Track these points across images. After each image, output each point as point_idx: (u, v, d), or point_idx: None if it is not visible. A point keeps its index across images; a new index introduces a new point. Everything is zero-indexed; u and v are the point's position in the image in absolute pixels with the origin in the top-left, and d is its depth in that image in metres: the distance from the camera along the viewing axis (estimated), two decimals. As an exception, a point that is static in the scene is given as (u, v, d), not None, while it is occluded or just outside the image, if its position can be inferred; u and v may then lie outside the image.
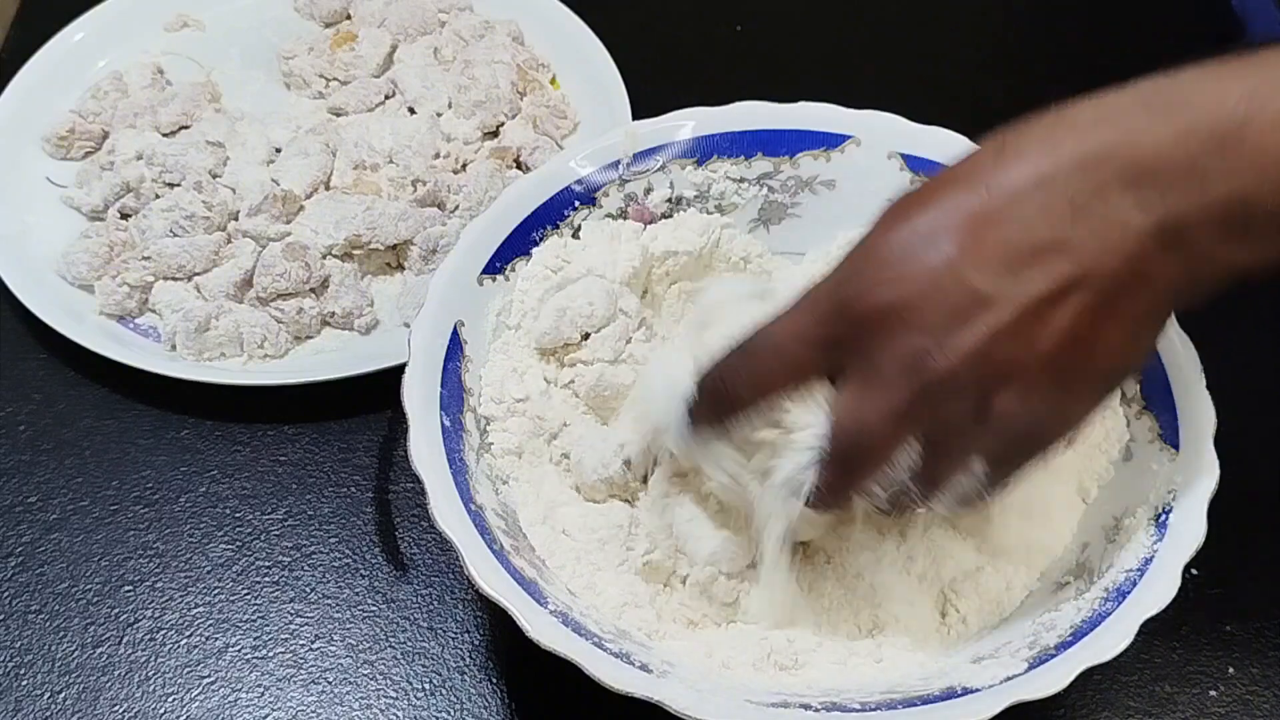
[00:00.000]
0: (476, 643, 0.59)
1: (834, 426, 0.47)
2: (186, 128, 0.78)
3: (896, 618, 0.54)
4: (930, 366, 0.44)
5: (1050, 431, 0.47)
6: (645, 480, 0.57)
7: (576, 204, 0.62)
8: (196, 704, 0.58)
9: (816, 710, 0.47)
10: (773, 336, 0.48)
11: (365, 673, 0.59)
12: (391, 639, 0.60)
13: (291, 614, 0.61)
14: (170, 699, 0.58)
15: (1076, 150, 0.45)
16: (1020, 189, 0.44)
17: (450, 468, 0.52)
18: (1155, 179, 0.44)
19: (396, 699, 0.58)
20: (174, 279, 0.71)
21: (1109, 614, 0.49)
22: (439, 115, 0.79)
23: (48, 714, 0.58)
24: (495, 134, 0.79)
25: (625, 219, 0.62)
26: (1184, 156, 0.44)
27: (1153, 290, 0.45)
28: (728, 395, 0.49)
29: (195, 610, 0.61)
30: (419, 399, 0.53)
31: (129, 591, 0.61)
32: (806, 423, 0.48)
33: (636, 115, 0.75)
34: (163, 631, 0.60)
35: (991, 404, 0.45)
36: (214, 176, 0.74)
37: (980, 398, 0.45)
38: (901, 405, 0.45)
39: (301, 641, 0.60)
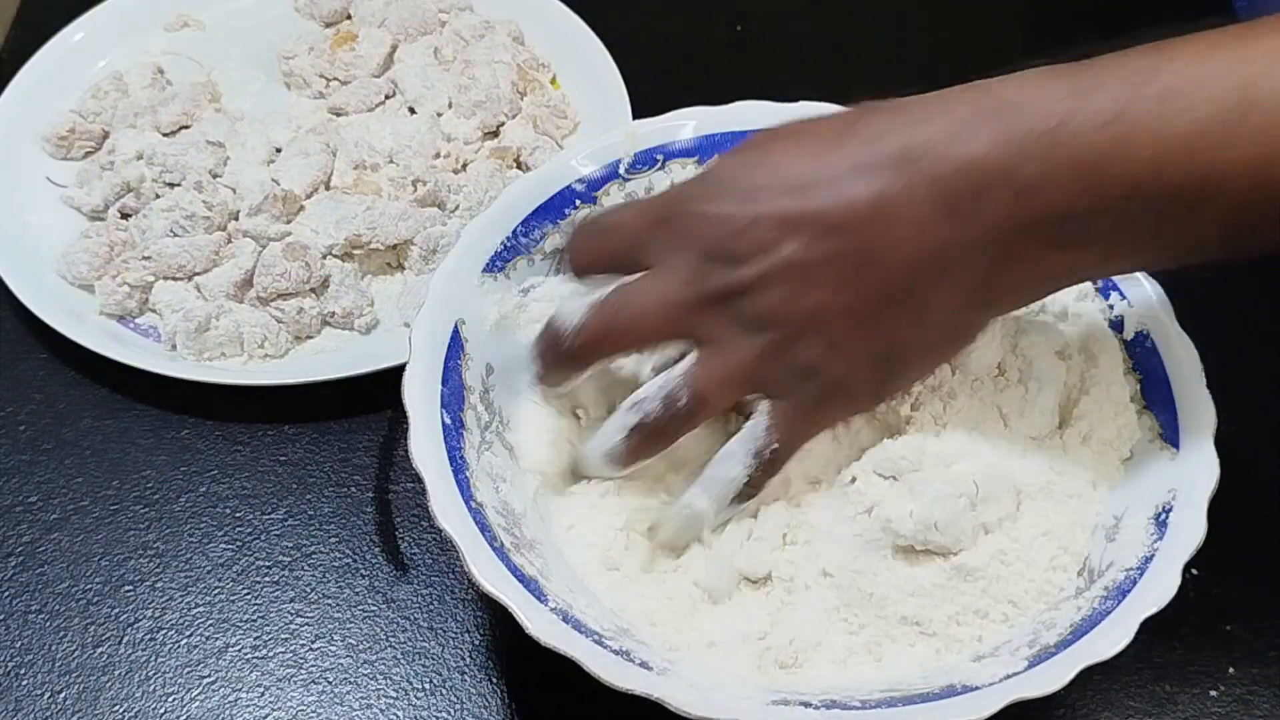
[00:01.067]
0: (476, 643, 0.59)
1: (618, 286, 0.51)
2: (187, 128, 0.78)
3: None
4: (709, 282, 0.49)
5: (824, 388, 0.51)
6: None
7: (577, 203, 0.62)
8: (196, 704, 0.58)
9: (816, 708, 0.47)
10: (604, 220, 0.54)
11: (365, 672, 0.59)
12: (391, 639, 0.60)
13: (291, 614, 0.61)
14: (170, 699, 0.58)
15: (900, 146, 0.48)
16: (842, 169, 0.48)
17: (451, 465, 0.52)
18: (967, 184, 0.46)
19: (396, 699, 0.58)
20: (174, 279, 0.71)
21: (1109, 613, 0.49)
22: (439, 115, 0.79)
23: (48, 714, 0.58)
24: (495, 134, 0.79)
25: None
26: (998, 164, 0.46)
27: (953, 287, 0.48)
28: (573, 257, 0.54)
29: (195, 610, 0.61)
30: (420, 397, 0.53)
31: (129, 591, 0.61)
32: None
33: (636, 115, 0.75)
34: (163, 631, 0.60)
35: (757, 337, 0.49)
36: (214, 176, 0.74)
37: (742, 328, 0.49)
38: (672, 295, 0.50)
39: (301, 641, 0.60)
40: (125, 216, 0.74)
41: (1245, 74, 0.45)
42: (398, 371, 0.55)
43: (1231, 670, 0.59)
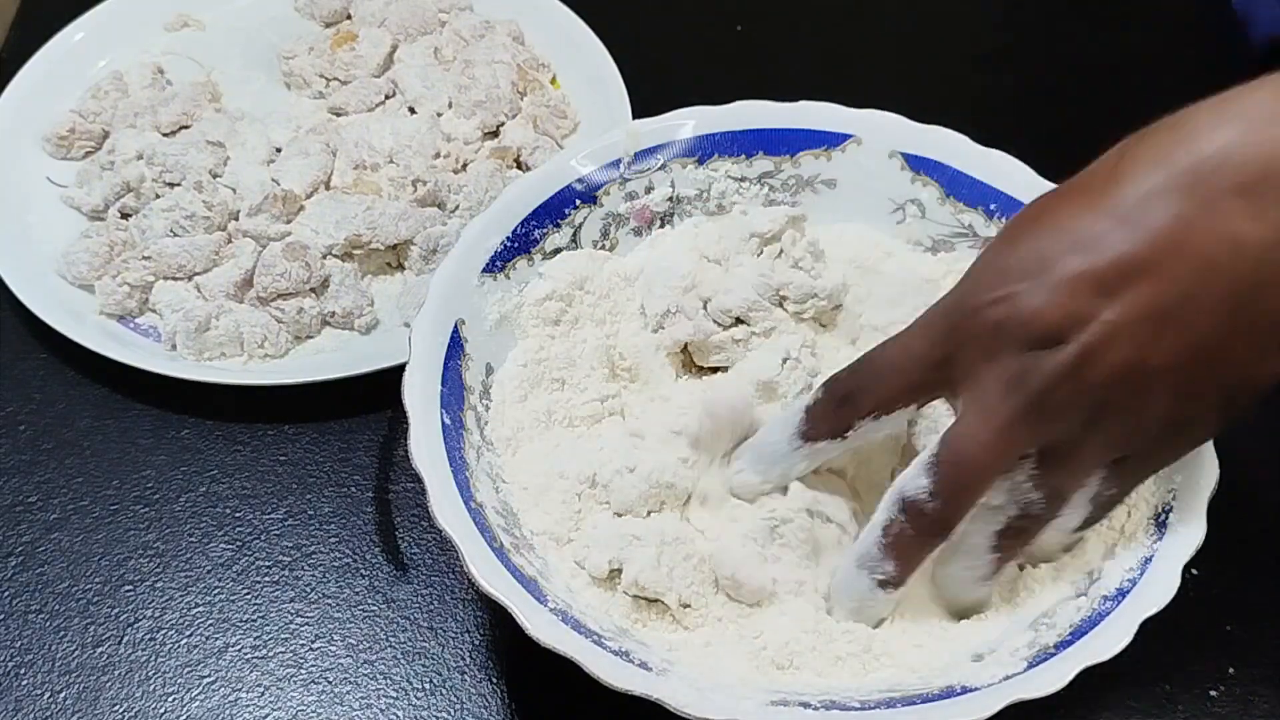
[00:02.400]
0: (476, 643, 0.59)
1: (941, 444, 0.48)
2: (187, 128, 0.78)
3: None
4: (1031, 383, 0.45)
5: (1165, 444, 0.48)
6: None
7: (577, 203, 0.62)
8: (196, 704, 0.58)
9: (815, 709, 0.47)
10: (892, 351, 0.50)
11: (365, 672, 0.59)
12: (391, 639, 0.60)
13: (291, 614, 0.61)
14: (170, 699, 0.58)
15: (1188, 159, 0.44)
16: (1128, 207, 0.44)
17: (450, 466, 0.52)
18: (1272, 185, 0.43)
19: (396, 699, 0.58)
20: (174, 279, 0.71)
21: (1109, 613, 0.49)
22: (439, 115, 0.79)
23: (48, 714, 0.58)
24: (495, 134, 0.79)
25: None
26: None
27: (1273, 299, 0.44)
28: (847, 403, 0.50)
29: (195, 610, 0.61)
30: (419, 397, 0.53)
31: (129, 591, 0.61)
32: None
33: (636, 115, 0.75)
34: (163, 631, 0.60)
35: (1099, 418, 0.46)
36: (214, 176, 0.74)
37: (1088, 412, 0.46)
38: (1005, 420, 0.46)
39: (301, 641, 0.60)
40: (125, 216, 0.74)
41: None
42: (397, 371, 0.55)
43: (1231, 670, 0.59)
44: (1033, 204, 0.48)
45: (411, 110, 0.79)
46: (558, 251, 0.61)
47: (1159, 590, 0.49)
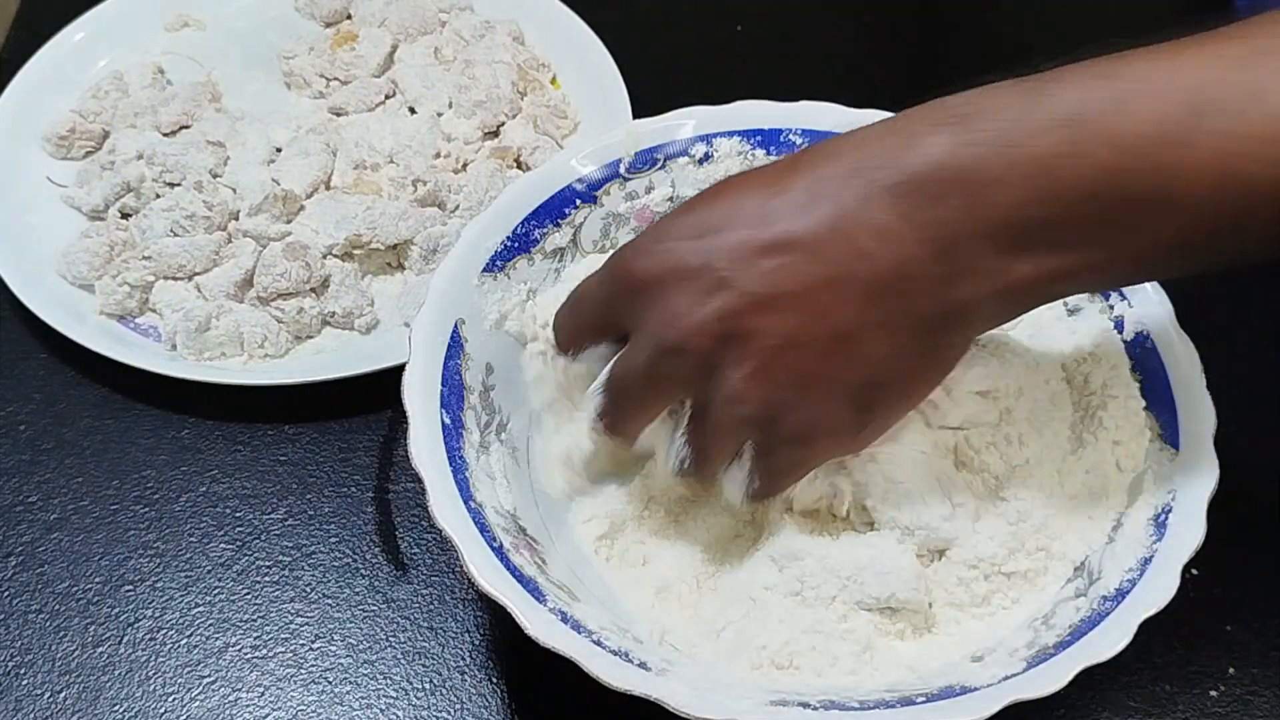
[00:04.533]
0: (476, 643, 0.59)
1: (610, 366, 0.52)
2: (187, 127, 0.78)
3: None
4: (669, 333, 0.48)
5: (796, 430, 0.49)
6: None
7: (577, 202, 0.62)
8: (197, 704, 0.58)
9: (815, 709, 0.47)
10: (576, 293, 0.53)
11: (365, 672, 0.59)
12: (391, 639, 0.60)
13: (291, 614, 0.61)
14: (170, 698, 0.58)
15: (854, 161, 0.47)
16: (794, 194, 0.47)
17: (450, 465, 0.52)
18: (922, 191, 0.45)
19: (396, 699, 0.58)
20: (174, 279, 0.71)
21: (1108, 613, 0.49)
22: (439, 115, 0.79)
23: (48, 714, 0.58)
24: (496, 134, 0.79)
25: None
26: (953, 168, 0.45)
27: (917, 300, 0.46)
28: (557, 337, 0.55)
29: (195, 610, 0.61)
30: (419, 396, 0.54)
31: (129, 591, 0.61)
32: None
33: (636, 115, 0.75)
34: (163, 631, 0.60)
35: (724, 381, 0.48)
36: (214, 176, 0.74)
37: (716, 372, 0.48)
38: (648, 362, 0.49)
39: (301, 641, 0.60)
40: (125, 216, 0.74)
41: (1206, 76, 0.44)
42: (397, 371, 0.55)
43: (1231, 670, 0.59)
44: (717, 183, 0.50)
45: (412, 110, 0.79)
46: (558, 251, 0.61)
47: (1159, 590, 0.49)
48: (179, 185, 0.73)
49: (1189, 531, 0.50)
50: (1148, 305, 0.57)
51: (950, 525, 0.53)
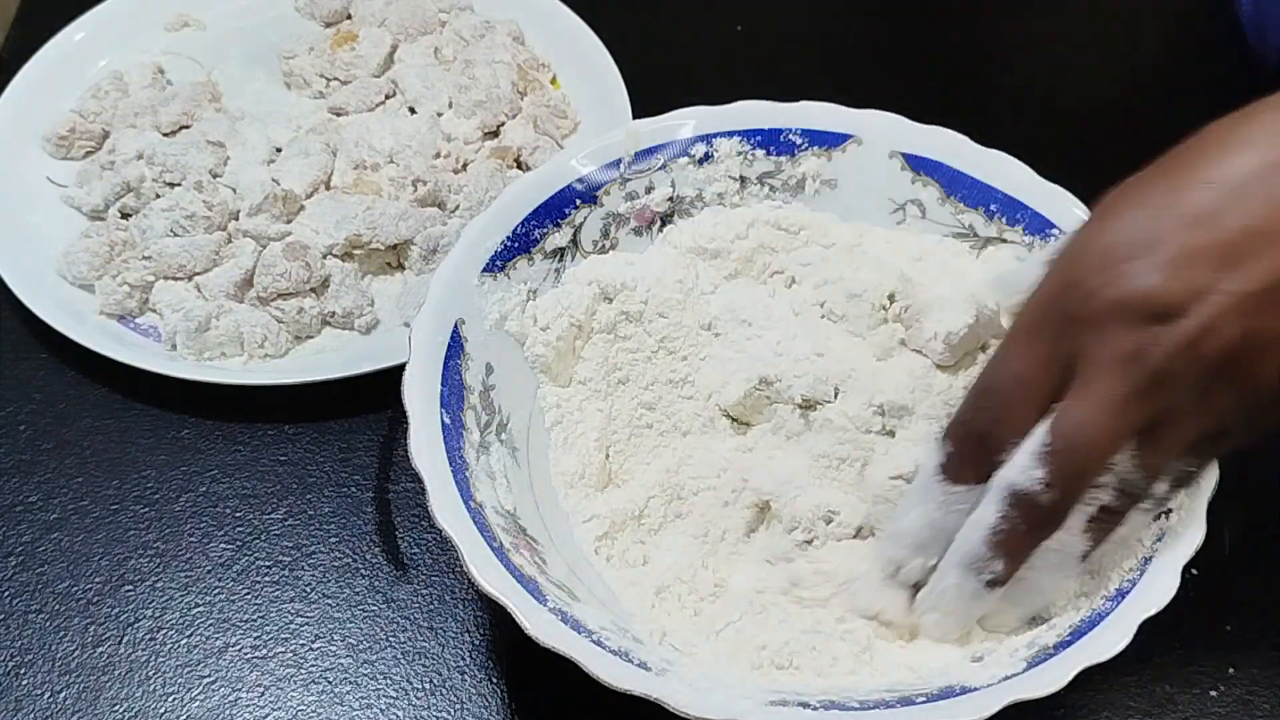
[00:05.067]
0: (476, 643, 0.59)
1: (1053, 432, 0.46)
2: (187, 127, 0.78)
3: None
4: (1150, 359, 0.44)
5: (1259, 419, 0.46)
6: None
7: (577, 202, 0.62)
8: (196, 704, 0.58)
9: (815, 709, 0.47)
10: (1010, 368, 0.48)
11: (365, 672, 0.59)
12: (391, 639, 0.60)
13: (292, 614, 0.61)
14: (170, 698, 0.58)
15: (1269, 145, 0.44)
16: (1243, 180, 0.44)
17: (450, 465, 0.52)
18: None
19: (396, 699, 0.58)
20: (174, 279, 0.71)
21: (1108, 613, 0.49)
22: (439, 115, 0.79)
23: (48, 713, 0.58)
24: (496, 134, 0.79)
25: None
26: None
27: None
28: (984, 445, 0.48)
29: (195, 610, 0.61)
30: (419, 396, 0.54)
31: (129, 591, 0.61)
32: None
33: (636, 115, 0.75)
34: (163, 631, 0.60)
35: (1209, 391, 0.44)
36: (214, 176, 0.74)
37: (1200, 385, 0.44)
38: (1120, 399, 0.45)
39: (302, 641, 0.60)
40: (125, 216, 0.74)
41: None
42: (397, 371, 0.55)
43: (1231, 670, 0.59)
44: (1120, 188, 0.47)
45: (412, 110, 0.79)
46: (558, 251, 0.61)
47: (1158, 590, 0.49)
48: (179, 185, 0.73)
49: (1189, 531, 0.50)
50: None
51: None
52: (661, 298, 0.59)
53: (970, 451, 0.48)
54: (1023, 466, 0.47)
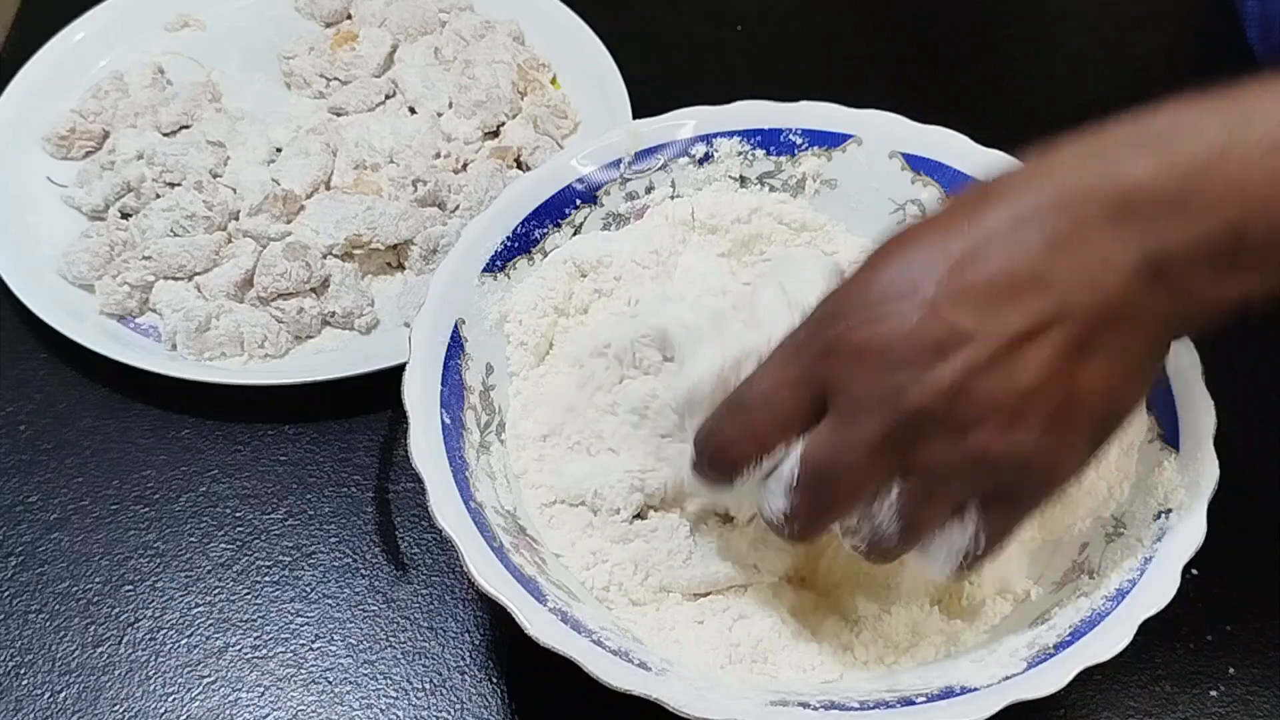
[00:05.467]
0: (476, 643, 0.59)
1: (804, 456, 0.46)
2: (187, 127, 0.78)
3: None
4: (905, 400, 0.44)
5: (1039, 476, 0.46)
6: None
7: (577, 202, 0.62)
8: (197, 704, 0.58)
9: (815, 709, 0.47)
10: (760, 386, 0.47)
11: (365, 672, 0.59)
12: (391, 639, 0.60)
13: (292, 614, 0.61)
14: (170, 698, 0.58)
15: (1057, 188, 0.44)
16: (1000, 229, 0.44)
17: (450, 465, 0.52)
18: (1137, 213, 0.43)
19: (396, 699, 0.58)
20: (174, 279, 0.71)
21: (1108, 613, 0.49)
22: (439, 115, 0.79)
23: (48, 713, 0.58)
24: (496, 134, 0.79)
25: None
26: (1165, 189, 0.43)
27: (1140, 327, 0.44)
28: (726, 454, 0.48)
29: (195, 610, 0.61)
30: (419, 396, 0.54)
31: (129, 591, 0.61)
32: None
33: (636, 115, 0.75)
34: (163, 631, 0.60)
35: (969, 442, 0.44)
36: (214, 176, 0.74)
37: (957, 434, 0.44)
38: (874, 438, 0.44)
39: (302, 641, 0.60)
40: (125, 216, 0.74)
41: None
42: (397, 371, 0.55)
43: (1231, 670, 0.59)
44: (896, 234, 0.47)
45: (412, 110, 0.79)
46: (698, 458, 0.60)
47: (1159, 590, 0.49)
48: (179, 185, 0.73)
49: (1189, 532, 0.50)
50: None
51: None
52: (633, 270, 0.60)
53: (715, 458, 0.48)
54: (771, 497, 0.47)
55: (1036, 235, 0.44)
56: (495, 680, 0.58)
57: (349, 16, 0.85)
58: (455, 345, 0.56)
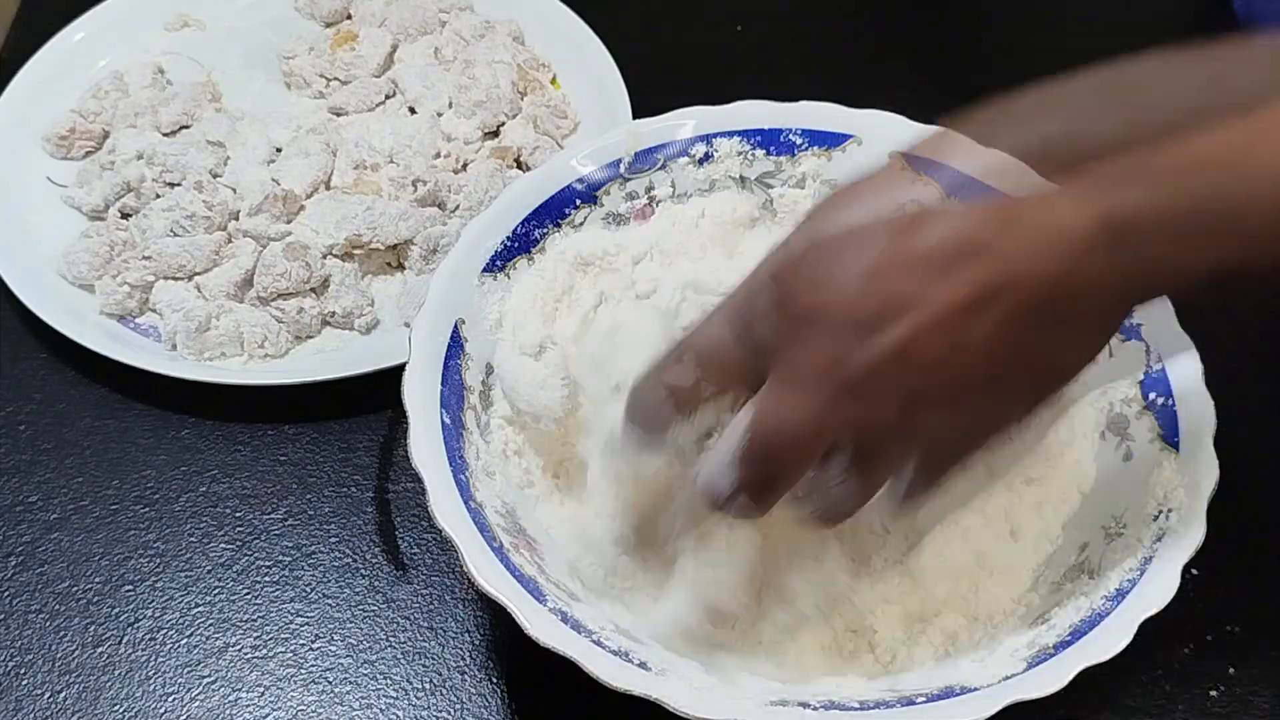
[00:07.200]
0: (476, 643, 0.59)
1: (750, 427, 0.45)
2: (187, 127, 0.78)
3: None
4: (849, 367, 0.43)
5: (977, 434, 0.46)
6: None
7: (577, 202, 0.62)
8: (197, 704, 0.58)
9: (815, 709, 0.47)
10: (698, 344, 0.47)
11: (365, 672, 0.59)
12: (391, 639, 0.60)
13: (292, 614, 0.61)
14: (170, 698, 0.58)
15: (1012, 147, 0.44)
16: (953, 190, 0.43)
17: (450, 465, 0.52)
18: (1098, 175, 0.42)
19: (396, 699, 0.58)
20: (174, 279, 0.71)
21: (1108, 613, 0.49)
22: (439, 115, 0.79)
23: (48, 713, 0.58)
24: (496, 134, 0.79)
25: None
26: (1127, 149, 0.42)
27: (1092, 294, 0.43)
28: (658, 407, 0.47)
29: (195, 610, 0.61)
30: (419, 396, 0.54)
31: (129, 591, 0.61)
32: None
33: (636, 115, 0.75)
34: (163, 631, 0.60)
35: (915, 406, 0.43)
36: (214, 176, 0.74)
37: (904, 400, 0.43)
38: (819, 407, 0.43)
39: (302, 641, 0.60)
40: (125, 216, 0.74)
41: None
42: (397, 371, 0.55)
43: (1232, 670, 0.59)
44: (841, 189, 0.46)
45: (412, 110, 0.79)
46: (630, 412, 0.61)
47: (1159, 590, 0.49)
48: (179, 185, 0.73)
49: (1189, 532, 0.50)
50: (1147, 305, 0.57)
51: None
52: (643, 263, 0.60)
53: (644, 413, 0.48)
54: (715, 473, 0.46)
55: (991, 200, 0.43)
56: (495, 680, 0.58)
57: (349, 16, 0.85)
58: (455, 345, 0.56)
